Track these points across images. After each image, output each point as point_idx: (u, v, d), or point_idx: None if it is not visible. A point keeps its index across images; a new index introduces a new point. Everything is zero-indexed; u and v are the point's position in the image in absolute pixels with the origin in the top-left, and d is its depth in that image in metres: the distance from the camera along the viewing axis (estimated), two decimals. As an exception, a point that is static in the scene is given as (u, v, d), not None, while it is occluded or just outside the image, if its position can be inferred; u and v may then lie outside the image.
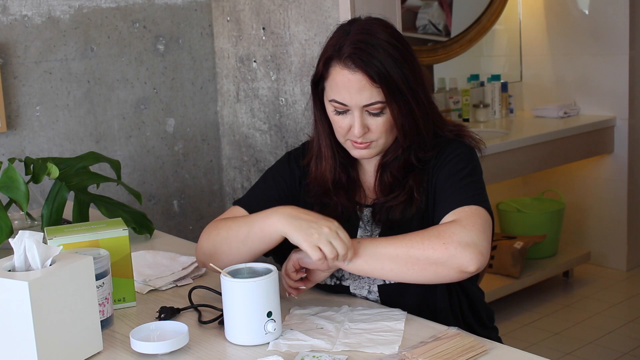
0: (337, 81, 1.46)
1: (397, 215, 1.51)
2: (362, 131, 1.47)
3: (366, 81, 1.43)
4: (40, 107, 2.69)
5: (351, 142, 1.51)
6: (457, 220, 1.40)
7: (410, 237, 1.39)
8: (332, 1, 2.56)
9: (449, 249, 1.35)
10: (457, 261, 1.35)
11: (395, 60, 1.44)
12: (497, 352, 1.27)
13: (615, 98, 3.85)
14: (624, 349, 3.06)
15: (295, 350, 1.29)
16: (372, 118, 1.47)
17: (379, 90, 1.44)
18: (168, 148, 3.03)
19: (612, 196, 3.91)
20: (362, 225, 1.57)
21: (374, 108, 1.46)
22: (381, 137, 1.49)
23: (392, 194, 1.52)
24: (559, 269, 3.75)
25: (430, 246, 1.36)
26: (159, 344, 1.28)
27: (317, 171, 1.59)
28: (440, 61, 4.01)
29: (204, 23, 3.07)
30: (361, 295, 1.54)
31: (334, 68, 1.47)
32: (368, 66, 1.43)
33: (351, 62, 1.44)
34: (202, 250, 1.53)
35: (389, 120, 1.48)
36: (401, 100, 1.45)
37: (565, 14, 4.02)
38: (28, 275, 1.22)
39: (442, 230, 1.38)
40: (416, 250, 1.37)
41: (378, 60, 1.43)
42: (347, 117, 1.48)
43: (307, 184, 1.61)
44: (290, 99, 2.81)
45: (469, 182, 1.47)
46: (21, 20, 2.62)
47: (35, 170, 1.91)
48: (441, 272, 1.37)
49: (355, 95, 1.45)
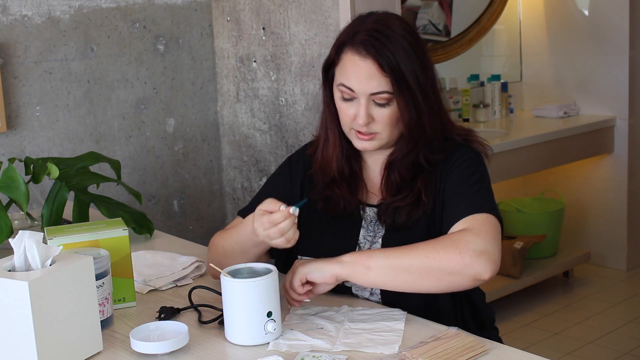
0: (347, 67, 1.47)
1: (404, 217, 1.50)
2: (367, 120, 1.46)
3: (376, 69, 1.44)
4: (40, 107, 2.69)
5: (355, 132, 1.51)
6: (470, 229, 1.39)
7: (423, 247, 1.38)
8: (332, 1, 2.56)
9: (464, 258, 1.35)
10: (472, 270, 1.35)
11: (408, 54, 1.45)
12: (497, 352, 1.27)
13: (615, 98, 3.85)
14: (624, 349, 3.06)
15: (295, 350, 1.29)
16: (378, 109, 1.47)
17: (387, 80, 1.44)
18: (168, 148, 3.03)
19: (612, 196, 3.91)
20: (364, 225, 1.56)
21: (380, 98, 1.45)
22: (385, 129, 1.48)
23: (400, 195, 1.51)
24: (559, 269, 3.75)
25: (446, 256, 1.35)
26: (159, 344, 1.28)
27: (323, 159, 1.58)
28: (440, 61, 4.01)
29: (204, 23, 3.07)
30: (363, 296, 1.54)
31: (345, 54, 1.48)
32: (379, 54, 1.43)
33: (363, 48, 1.44)
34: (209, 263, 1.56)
35: (395, 114, 1.47)
36: (409, 94, 1.45)
37: (565, 14, 4.02)
38: (28, 275, 1.22)
39: (456, 239, 1.38)
40: (432, 261, 1.36)
41: (390, 50, 1.43)
42: (353, 105, 1.48)
43: (311, 176, 1.61)
44: (290, 99, 2.81)
45: (479, 189, 1.47)
46: (21, 20, 2.62)
47: (35, 170, 1.91)
48: (456, 281, 1.37)
49: (363, 82, 1.45)
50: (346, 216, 1.56)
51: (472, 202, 1.44)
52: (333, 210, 1.56)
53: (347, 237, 1.56)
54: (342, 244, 1.54)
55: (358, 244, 1.55)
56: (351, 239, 1.55)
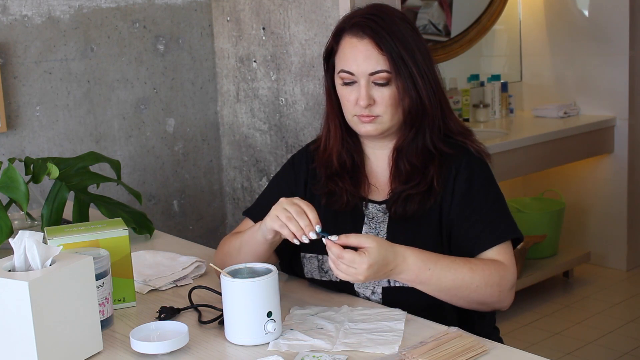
0: (346, 51, 1.50)
1: (415, 206, 1.50)
2: (367, 101, 1.48)
3: (373, 48, 1.47)
4: (40, 107, 2.69)
5: (358, 118, 1.52)
6: (505, 264, 1.47)
7: (478, 278, 1.42)
8: (332, 1, 2.56)
9: (501, 295, 1.46)
10: (502, 304, 1.48)
11: (404, 34, 1.48)
12: (497, 352, 1.27)
13: (615, 98, 3.85)
14: (624, 349, 3.06)
15: (295, 350, 1.29)
16: (378, 90, 1.49)
17: (385, 59, 1.46)
18: (168, 148, 3.03)
19: (612, 196, 3.91)
20: (367, 222, 1.56)
21: (379, 77, 1.47)
22: (387, 111, 1.50)
23: (412, 183, 1.51)
24: (559, 269, 3.75)
25: (490, 291, 1.44)
26: (159, 344, 1.28)
27: (325, 151, 1.59)
28: (440, 61, 4.00)
29: (204, 23, 3.07)
30: (364, 295, 1.54)
31: (343, 39, 1.51)
32: (376, 33, 1.46)
33: (360, 29, 1.48)
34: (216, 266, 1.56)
35: (395, 94, 1.49)
36: (407, 73, 1.47)
37: (565, 14, 4.02)
38: (28, 275, 1.22)
39: (500, 276, 1.44)
40: (476, 293, 1.43)
41: (386, 31, 1.47)
42: (355, 89, 1.50)
43: (314, 171, 1.62)
44: (290, 99, 2.81)
45: (501, 208, 1.52)
46: (21, 20, 2.62)
47: (35, 170, 1.91)
48: (481, 307, 1.48)
49: (362, 63, 1.47)
50: (349, 212, 1.56)
51: (500, 227, 1.49)
52: (336, 204, 1.56)
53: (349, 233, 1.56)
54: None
55: None
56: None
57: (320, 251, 1.56)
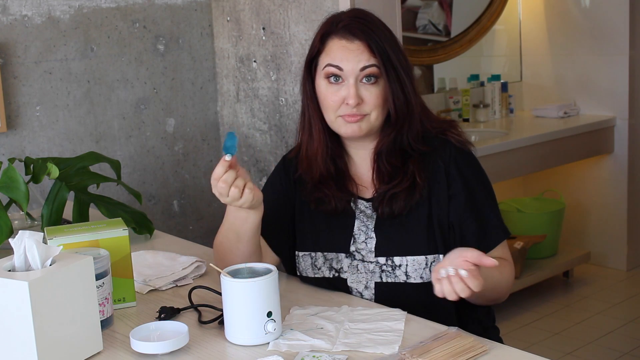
0: (334, 50, 1.51)
1: (401, 203, 1.51)
2: (356, 100, 1.48)
3: (365, 49, 1.49)
4: (40, 107, 2.69)
5: (342, 118, 1.51)
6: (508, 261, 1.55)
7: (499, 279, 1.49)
8: (332, 1, 2.56)
9: (508, 291, 1.56)
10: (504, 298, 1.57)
11: (389, 38, 1.51)
12: (497, 352, 1.27)
13: (615, 98, 3.85)
14: (624, 349, 3.06)
15: (295, 350, 1.29)
16: (366, 88, 1.50)
17: (376, 60, 1.49)
18: (168, 148, 3.03)
19: (612, 196, 3.91)
20: (358, 216, 1.58)
21: (369, 72, 1.48)
22: (374, 110, 1.51)
23: (394, 181, 1.53)
24: (559, 269, 3.75)
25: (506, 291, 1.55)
26: (159, 344, 1.28)
27: (308, 159, 1.59)
28: (440, 61, 4.01)
29: (204, 23, 3.07)
30: (357, 290, 1.55)
31: (331, 40, 1.52)
32: (367, 35, 1.49)
33: (349, 32, 1.49)
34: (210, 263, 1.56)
35: (383, 93, 1.50)
36: (394, 75, 1.50)
37: (565, 14, 4.02)
38: (28, 275, 1.22)
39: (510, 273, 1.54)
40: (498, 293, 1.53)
41: (375, 33, 1.50)
42: (341, 88, 1.50)
43: (300, 177, 1.62)
44: (290, 99, 2.81)
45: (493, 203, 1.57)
46: (21, 20, 2.62)
47: (35, 170, 1.91)
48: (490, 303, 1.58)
49: (352, 61, 1.48)
50: (338, 211, 1.57)
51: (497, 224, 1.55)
52: (325, 209, 1.58)
53: (342, 230, 1.58)
54: (338, 237, 1.57)
55: (353, 236, 1.57)
56: (346, 231, 1.57)
57: (313, 249, 1.58)
